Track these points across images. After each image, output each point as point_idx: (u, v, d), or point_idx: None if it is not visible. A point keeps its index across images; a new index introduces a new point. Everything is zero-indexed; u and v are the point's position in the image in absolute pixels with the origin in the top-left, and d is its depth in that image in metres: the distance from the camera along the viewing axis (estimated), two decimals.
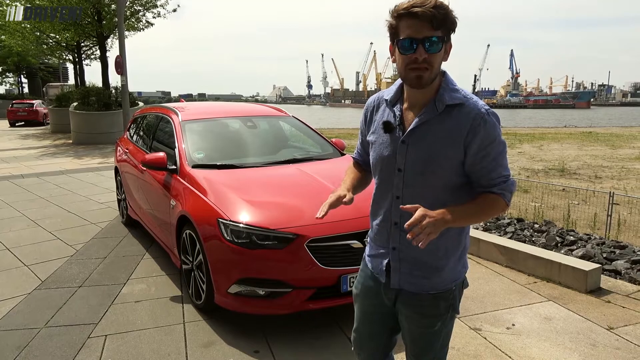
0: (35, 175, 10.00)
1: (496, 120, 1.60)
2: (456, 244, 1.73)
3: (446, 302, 1.74)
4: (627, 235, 5.70)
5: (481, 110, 1.57)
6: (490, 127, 1.57)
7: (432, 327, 1.77)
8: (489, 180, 1.62)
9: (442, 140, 1.59)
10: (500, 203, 1.63)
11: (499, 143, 1.60)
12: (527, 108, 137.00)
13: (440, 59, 1.56)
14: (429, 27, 1.48)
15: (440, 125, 1.60)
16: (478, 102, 1.60)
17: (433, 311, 1.75)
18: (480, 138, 1.57)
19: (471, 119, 1.57)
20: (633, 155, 15.34)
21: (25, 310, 3.73)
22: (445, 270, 1.72)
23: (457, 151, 1.59)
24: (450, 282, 1.74)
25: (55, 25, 17.72)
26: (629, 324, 3.42)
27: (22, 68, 40.55)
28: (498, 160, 1.61)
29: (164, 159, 4.17)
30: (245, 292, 3.23)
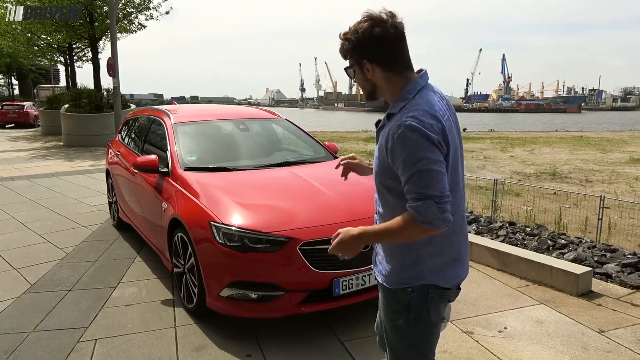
0: (25, 177, 9.90)
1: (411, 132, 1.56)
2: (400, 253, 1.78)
3: (402, 302, 1.79)
4: (618, 238, 5.74)
5: (400, 120, 1.61)
6: (399, 138, 1.58)
7: (395, 322, 1.84)
8: (406, 194, 1.62)
9: (380, 147, 1.72)
10: (412, 223, 1.59)
11: (409, 158, 1.57)
12: (519, 112, 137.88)
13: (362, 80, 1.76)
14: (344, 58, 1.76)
15: (382, 132, 1.73)
16: (406, 113, 1.62)
17: (392, 306, 1.84)
18: (392, 147, 1.62)
19: (391, 128, 1.63)
20: (623, 160, 15.48)
21: (14, 314, 3.68)
22: (393, 270, 1.80)
23: (386, 157, 1.67)
24: (398, 284, 1.79)
25: (47, 26, 17.64)
26: (619, 327, 3.44)
27: (13, 69, 40.27)
28: (411, 178, 1.58)
29: (156, 162, 4.14)
30: (237, 296, 3.21)
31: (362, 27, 1.66)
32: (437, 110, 1.64)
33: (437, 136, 1.58)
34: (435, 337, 1.90)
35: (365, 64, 1.71)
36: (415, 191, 1.58)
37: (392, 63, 1.70)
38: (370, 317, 3.57)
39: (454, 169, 1.71)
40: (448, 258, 1.78)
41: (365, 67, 1.71)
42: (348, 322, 3.49)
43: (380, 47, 1.67)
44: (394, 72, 1.71)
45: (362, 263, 3.29)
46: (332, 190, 3.68)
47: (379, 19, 1.66)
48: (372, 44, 1.66)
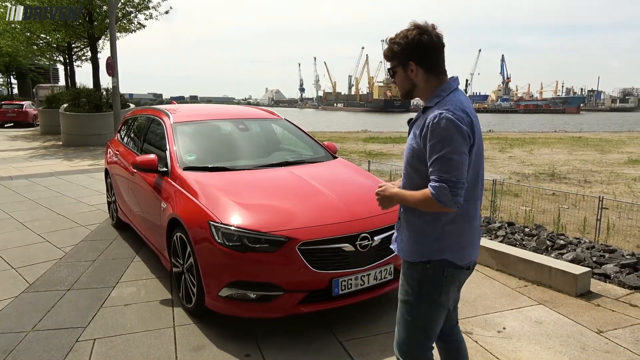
0: (24, 177, 9.89)
1: (447, 122, 1.85)
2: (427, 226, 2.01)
3: (417, 275, 2.03)
4: (616, 239, 5.75)
5: (435, 113, 1.89)
6: (436, 127, 1.86)
7: (408, 296, 2.06)
8: (430, 174, 1.90)
9: (414, 135, 2.00)
10: (428, 197, 1.89)
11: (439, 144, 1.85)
12: (518, 113, 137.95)
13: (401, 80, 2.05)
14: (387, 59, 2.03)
15: (417, 124, 2.01)
16: (442, 106, 1.91)
17: (408, 279, 2.06)
18: (424, 137, 1.91)
19: (430, 117, 1.90)
20: (622, 160, 15.50)
21: (13, 314, 3.67)
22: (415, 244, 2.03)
23: (420, 144, 1.95)
24: (418, 256, 2.01)
25: (46, 25, 17.60)
26: (618, 327, 3.45)
27: (12, 69, 40.16)
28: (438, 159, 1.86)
29: (155, 161, 4.14)
30: (236, 296, 3.21)
31: (411, 34, 1.94)
32: (467, 107, 1.94)
33: (466, 128, 1.87)
34: (440, 321, 2.09)
35: (411, 65, 1.99)
36: (436, 174, 1.86)
37: (434, 67, 2.00)
38: (369, 317, 3.57)
39: (477, 161, 1.98)
40: (465, 239, 2.02)
41: (410, 68, 2.00)
42: (347, 322, 3.49)
43: (426, 52, 1.96)
44: (433, 74, 2.00)
45: (360, 263, 3.29)
46: (331, 190, 3.68)
47: (425, 28, 1.95)
48: (420, 49, 1.95)
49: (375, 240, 3.33)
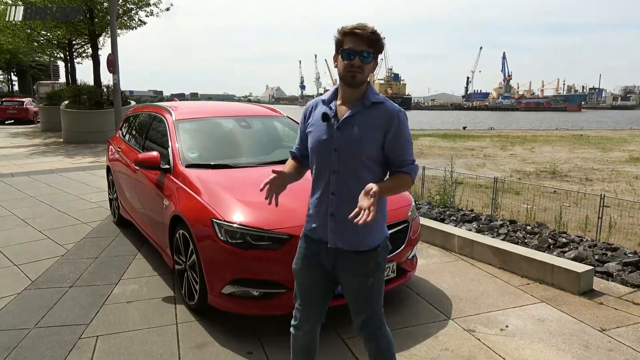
0: (25, 174, 9.89)
1: (406, 118, 2.17)
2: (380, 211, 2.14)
3: (374, 259, 2.20)
4: (618, 237, 5.74)
5: (396, 109, 2.14)
6: (401, 122, 2.13)
7: (367, 283, 2.21)
8: (401, 162, 2.14)
9: (368, 126, 2.11)
10: (408, 180, 2.16)
11: (407, 134, 2.16)
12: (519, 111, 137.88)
13: (369, 68, 2.11)
14: (365, 45, 2.05)
15: (366, 116, 2.13)
16: (394, 104, 2.16)
17: (364, 269, 2.20)
18: (396, 128, 2.11)
19: (389, 113, 2.12)
20: (623, 158, 15.49)
21: (15, 311, 3.68)
22: (372, 231, 2.17)
23: (379, 135, 2.11)
24: (374, 243, 2.19)
25: (47, 22, 17.57)
26: (621, 325, 3.45)
27: (13, 65, 40.16)
28: (407, 147, 2.15)
29: (157, 158, 4.13)
30: (239, 293, 3.21)
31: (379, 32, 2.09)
32: None
33: None
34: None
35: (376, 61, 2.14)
36: (410, 158, 2.16)
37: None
38: None
39: None
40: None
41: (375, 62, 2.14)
42: (350, 319, 3.48)
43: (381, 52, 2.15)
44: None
45: None
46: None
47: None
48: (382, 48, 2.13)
49: None
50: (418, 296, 3.95)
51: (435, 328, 3.42)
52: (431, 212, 6.14)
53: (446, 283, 4.21)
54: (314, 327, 2.44)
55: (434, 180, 8.10)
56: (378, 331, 2.29)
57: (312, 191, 2.27)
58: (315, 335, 2.48)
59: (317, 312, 2.39)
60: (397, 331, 3.36)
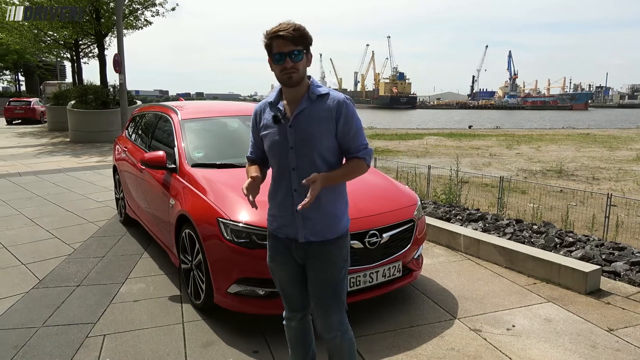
0: (32, 173, 9.96)
1: (353, 104, 2.23)
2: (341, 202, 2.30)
3: (344, 248, 2.28)
4: (625, 236, 5.71)
5: (342, 97, 2.19)
6: (349, 108, 2.18)
7: (342, 270, 2.28)
8: (355, 147, 2.21)
9: (319, 119, 2.16)
10: (363, 165, 2.23)
11: (357, 120, 2.21)
12: (525, 109, 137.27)
13: (303, 65, 2.13)
14: (291, 44, 2.06)
15: (314, 110, 2.17)
16: (339, 93, 2.22)
17: (336, 258, 2.26)
18: (344, 116, 2.16)
19: (336, 103, 2.17)
20: (630, 157, 15.39)
21: (23, 310, 3.70)
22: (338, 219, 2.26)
23: (330, 125, 2.16)
24: (341, 230, 2.27)
25: (54, 23, 17.65)
26: (629, 325, 3.42)
27: (20, 66, 40.40)
28: (358, 133, 2.21)
29: (164, 158, 4.15)
30: (245, 292, 3.22)
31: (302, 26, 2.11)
32: None
33: None
34: None
35: (309, 55, 2.17)
36: (361, 142, 2.22)
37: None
38: (377, 314, 3.58)
39: None
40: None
41: (308, 57, 2.16)
42: (355, 319, 3.48)
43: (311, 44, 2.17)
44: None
45: (369, 260, 3.29)
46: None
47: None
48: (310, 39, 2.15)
49: (384, 237, 3.33)
50: (424, 296, 3.95)
51: (441, 328, 3.41)
52: (437, 212, 6.13)
53: (452, 282, 4.20)
54: (302, 318, 2.47)
55: (440, 180, 8.09)
56: (343, 327, 2.33)
57: (274, 191, 2.32)
58: (306, 327, 2.52)
59: (299, 305, 2.42)
60: (402, 331, 3.35)
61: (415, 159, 14.19)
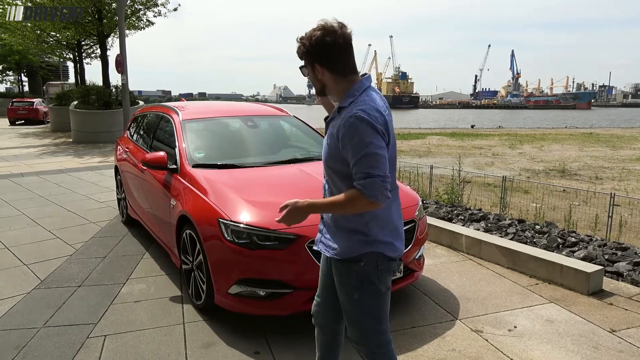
0: (35, 174, 9.98)
1: (360, 122, 1.86)
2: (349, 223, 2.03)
3: (355, 273, 2.03)
4: (628, 236, 5.68)
5: (351, 112, 1.89)
6: (350, 127, 1.87)
7: (352, 296, 2.07)
8: (354, 174, 1.90)
9: (331, 135, 2.00)
10: (360, 198, 1.88)
11: (359, 143, 1.86)
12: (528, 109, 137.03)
13: (313, 78, 2.03)
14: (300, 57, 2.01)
15: (334, 123, 2.00)
16: (356, 106, 1.91)
17: (347, 280, 2.07)
18: (342, 135, 1.90)
19: (343, 118, 1.92)
20: (634, 157, 15.33)
21: (24, 310, 3.70)
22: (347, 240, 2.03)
23: (337, 144, 1.95)
24: (353, 253, 2.01)
25: (56, 23, 17.70)
26: (631, 326, 3.40)
27: (23, 66, 40.48)
28: (358, 157, 1.87)
29: (165, 159, 4.15)
30: (245, 293, 3.22)
31: (315, 35, 1.93)
32: (380, 106, 1.95)
33: (381, 127, 1.89)
34: (387, 305, 2.13)
35: (317, 66, 2.00)
36: (363, 171, 1.86)
37: (339, 68, 1.99)
38: None
39: (392, 156, 1.99)
40: (390, 229, 2.06)
41: (316, 69, 2.00)
42: None
43: (330, 54, 1.96)
44: (340, 75, 2.00)
45: None
46: None
47: (331, 29, 1.93)
48: (323, 51, 1.95)
49: None
50: (425, 296, 3.94)
51: (443, 328, 3.40)
52: (439, 212, 6.11)
53: (454, 283, 4.19)
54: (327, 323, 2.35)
55: (442, 179, 8.07)
56: (377, 350, 2.11)
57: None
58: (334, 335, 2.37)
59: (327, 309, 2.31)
60: (404, 331, 3.34)
61: (417, 158, 14.17)
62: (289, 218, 2.01)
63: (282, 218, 2.02)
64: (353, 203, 1.90)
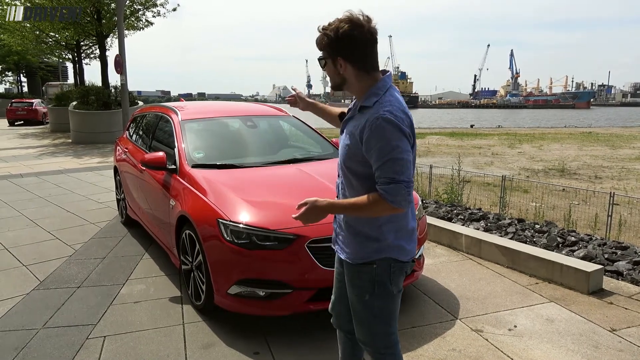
0: (34, 174, 9.97)
1: (387, 124, 1.79)
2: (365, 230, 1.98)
3: (367, 276, 1.99)
4: (628, 235, 5.68)
5: (377, 113, 1.81)
6: (377, 129, 1.80)
7: (362, 297, 2.03)
8: (377, 178, 1.84)
9: (352, 135, 1.91)
10: (382, 202, 1.82)
11: (385, 146, 1.79)
12: (527, 108, 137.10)
13: (332, 72, 1.94)
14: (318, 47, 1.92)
15: (355, 122, 1.93)
16: (382, 107, 1.83)
17: (358, 282, 2.03)
18: (368, 136, 1.82)
19: (367, 119, 1.84)
20: (633, 156, 15.34)
21: (24, 311, 3.70)
22: (361, 245, 1.99)
23: (358, 145, 1.87)
24: (364, 258, 1.98)
25: (55, 24, 17.70)
26: (631, 325, 3.40)
27: (22, 67, 40.47)
28: (383, 161, 1.80)
29: (164, 159, 4.14)
30: (245, 293, 3.21)
31: (342, 27, 1.83)
32: (405, 107, 1.90)
33: (407, 129, 1.84)
34: (397, 307, 2.10)
35: (339, 60, 1.90)
36: (387, 175, 1.80)
37: (364, 63, 1.91)
38: None
39: (414, 161, 1.95)
40: (404, 234, 2.00)
41: (338, 63, 1.91)
42: None
43: (356, 49, 1.87)
44: (364, 70, 1.92)
45: None
46: None
47: (358, 22, 1.84)
48: (349, 45, 1.86)
49: None
50: (425, 296, 3.93)
51: (443, 328, 3.40)
52: (438, 211, 6.11)
53: (454, 282, 4.18)
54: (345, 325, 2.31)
55: (442, 179, 8.06)
56: (385, 351, 2.10)
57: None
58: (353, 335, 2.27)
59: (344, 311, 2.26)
60: (404, 331, 3.34)
61: (417, 158, 14.16)
62: (307, 216, 1.95)
63: (299, 215, 1.95)
64: (374, 207, 1.85)
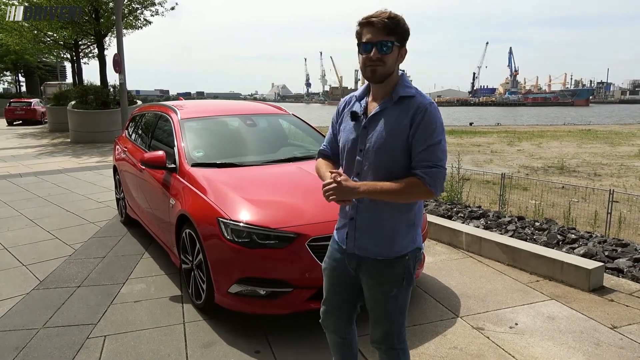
0: (33, 174, 9.95)
1: (437, 112, 1.90)
2: (402, 219, 1.99)
3: (400, 270, 2.01)
4: (627, 232, 5.68)
5: (425, 102, 1.90)
6: (431, 115, 1.87)
7: (389, 293, 2.03)
8: (417, 163, 1.88)
9: (394, 124, 1.91)
10: (420, 186, 1.86)
11: (432, 131, 1.87)
12: (526, 106, 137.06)
13: (393, 59, 1.90)
14: (383, 34, 1.86)
15: (393, 112, 1.93)
16: (426, 97, 1.93)
17: (387, 278, 2.02)
18: (419, 124, 1.87)
19: (415, 107, 1.89)
20: (632, 153, 15.35)
21: (24, 311, 3.69)
22: (394, 240, 1.99)
23: (403, 133, 1.89)
24: (399, 252, 2.00)
25: (53, 23, 17.64)
26: (632, 322, 3.40)
27: (20, 66, 40.39)
28: (432, 148, 1.86)
29: (163, 158, 4.13)
30: (245, 292, 3.20)
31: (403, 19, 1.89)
32: None
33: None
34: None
35: (403, 50, 1.94)
36: (430, 160, 1.86)
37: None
38: None
39: None
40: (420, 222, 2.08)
41: (401, 52, 1.94)
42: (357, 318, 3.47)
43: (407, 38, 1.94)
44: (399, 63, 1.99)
45: None
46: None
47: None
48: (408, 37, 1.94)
49: None
50: (426, 294, 3.93)
51: (444, 326, 3.39)
52: (438, 209, 6.10)
53: (454, 280, 4.18)
54: (341, 329, 2.29)
55: None
56: (398, 346, 2.12)
57: None
58: (349, 339, 2.33)
59: (341, 314, 2.25)
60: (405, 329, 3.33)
61: None
62: (339, 192, 1.88)
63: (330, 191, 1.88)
64: (411, 190, 1.87)
